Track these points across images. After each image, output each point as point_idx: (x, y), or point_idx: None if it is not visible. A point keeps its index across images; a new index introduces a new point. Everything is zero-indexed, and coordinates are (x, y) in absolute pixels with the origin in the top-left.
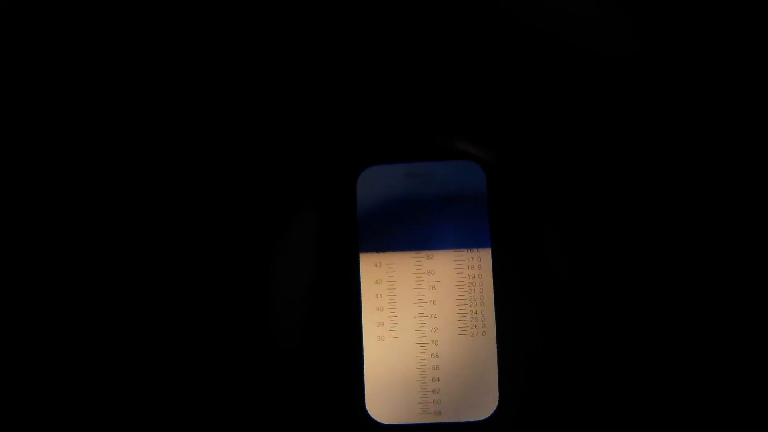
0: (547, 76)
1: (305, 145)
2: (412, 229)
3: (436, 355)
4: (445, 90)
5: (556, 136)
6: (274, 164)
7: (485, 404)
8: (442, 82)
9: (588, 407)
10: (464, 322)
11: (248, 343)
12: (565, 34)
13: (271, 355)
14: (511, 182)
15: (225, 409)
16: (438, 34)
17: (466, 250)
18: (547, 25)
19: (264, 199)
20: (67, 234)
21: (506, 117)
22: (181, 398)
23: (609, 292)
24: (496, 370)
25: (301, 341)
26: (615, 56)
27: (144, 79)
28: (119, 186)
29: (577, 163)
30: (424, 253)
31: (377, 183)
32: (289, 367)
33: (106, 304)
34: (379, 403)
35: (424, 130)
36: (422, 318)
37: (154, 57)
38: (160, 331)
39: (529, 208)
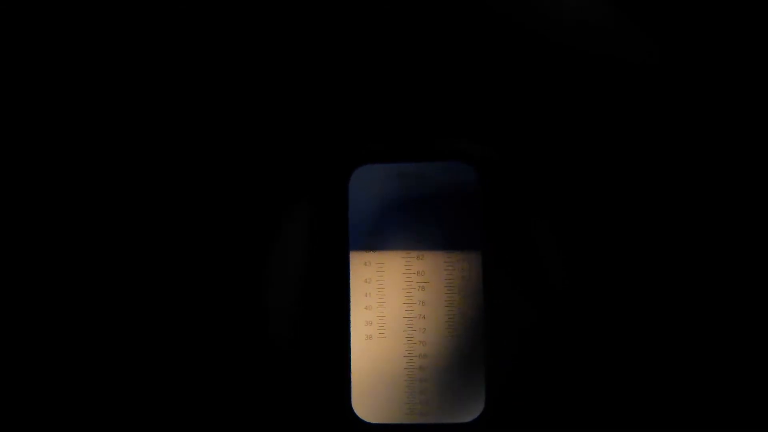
0: (540, 78)
1: (298, 143)
2: (403, 229)
3: (424, 356)
4: (439, 91)
5: (550, 139)
6: (266, 162)
7: (472, 406)
8: (437, 82)
9: (575, 410)
10: (452, 323)
11: (236, 340)
12: (559, 35)
13: (259, 352)
14: (504, 184)
15: (212, 406)
16: (432, 34)
17: (456, 251)
18: (539, 26)
19: (256, 197)
20: (59, 232)
21: (500, 119)
22: (168, 395)
23: (598, 295)
24: (484, 372)
25: (289, 338)
26: (609, 57)
27: (139, 81)
28: (112, 185)
29: (571, 167)
30: (414, 253)
31: (369, 182)
32: (276, 364)
33: (99, 303)
34: (365, 402)
35: (418, 131)
36: (411, 318)
37: (150, 59)
38: (148, 327)
39: (521, 211)
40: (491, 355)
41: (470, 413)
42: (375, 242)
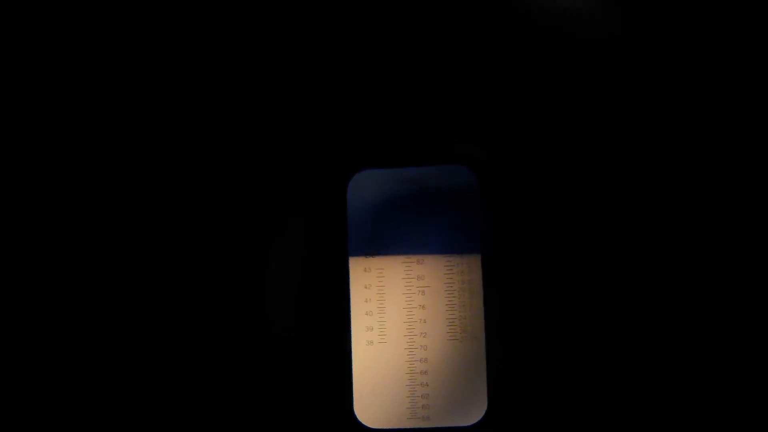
0: (541, 83)
1: (296, 148)
2: (403, 234)
3: (425, 360)
4: (439, 95)
5: (551, 144)
6: (264, 167)
7: (474, 410)
8: (437, 86)
9: (577, 413)
10: (454, 327)
11: (237, 346)
12: (561, 40)
13: (260, 358)
14: (503, 188)
15: (212, 412)
16: (432, 38)
17: (456, 255)
18: (540, 30)
19: (254, 202)
20: (57, 234)
21: (500, 123)
22: (167, 399)
23: (599, 299)
24: (485, 375)
25: (289, 344)
26: (611, 61)
27: (137, 83)
28: (108, 190)
29: (572, 172)
30: (414, 258)
31: (368, 187)
32: (278, 370)
33: (96, 305)
34: (367, 408)
35: (418, 135)
36: (411, 323)
37: (148, 60)
38: (146, 332)
39: (521, 215)
40: (493, 358)
41: (473, 416)
42: (374, 247)
